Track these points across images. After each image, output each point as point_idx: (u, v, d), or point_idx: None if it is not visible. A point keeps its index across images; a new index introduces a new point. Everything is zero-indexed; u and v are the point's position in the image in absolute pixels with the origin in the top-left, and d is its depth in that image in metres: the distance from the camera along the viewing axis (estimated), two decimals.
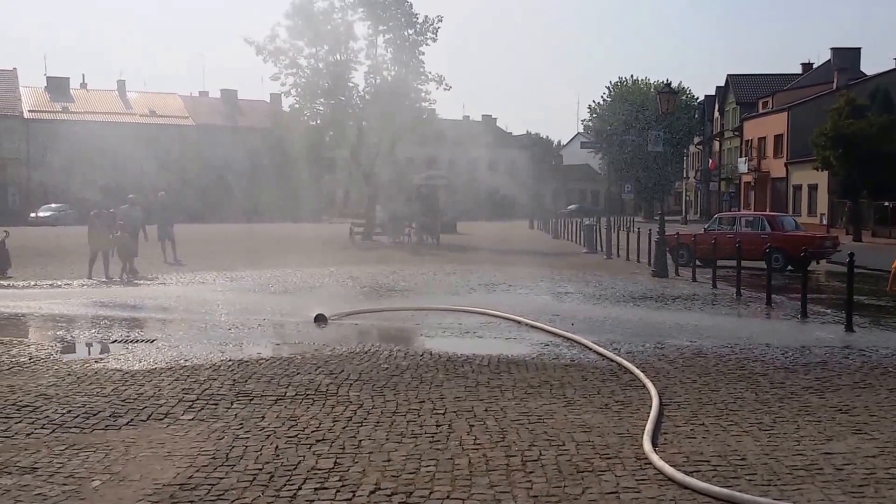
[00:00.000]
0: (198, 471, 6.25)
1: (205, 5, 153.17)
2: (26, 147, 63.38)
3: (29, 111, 66.07)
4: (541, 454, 6.63)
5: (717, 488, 5.82)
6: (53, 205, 56.31)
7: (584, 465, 6.37)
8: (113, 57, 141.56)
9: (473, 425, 7.46)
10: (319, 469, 6.28)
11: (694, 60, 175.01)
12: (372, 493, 5.80)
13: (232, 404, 8.21)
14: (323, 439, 7.03)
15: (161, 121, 67.93)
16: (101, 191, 32.81)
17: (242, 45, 41.90)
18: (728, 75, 72.16)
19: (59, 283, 19.73)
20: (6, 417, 7.69)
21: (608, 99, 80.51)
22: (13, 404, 8.13)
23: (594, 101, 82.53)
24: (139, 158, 44.29)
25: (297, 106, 41.28)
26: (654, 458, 6.43)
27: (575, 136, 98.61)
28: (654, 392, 8.50)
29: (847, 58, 60.50)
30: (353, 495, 5.76)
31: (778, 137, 59.36)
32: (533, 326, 13.21)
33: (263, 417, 7.74)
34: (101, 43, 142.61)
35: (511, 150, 66.75)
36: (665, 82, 26.99)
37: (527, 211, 55.47)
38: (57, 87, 69.36)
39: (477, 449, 6.77)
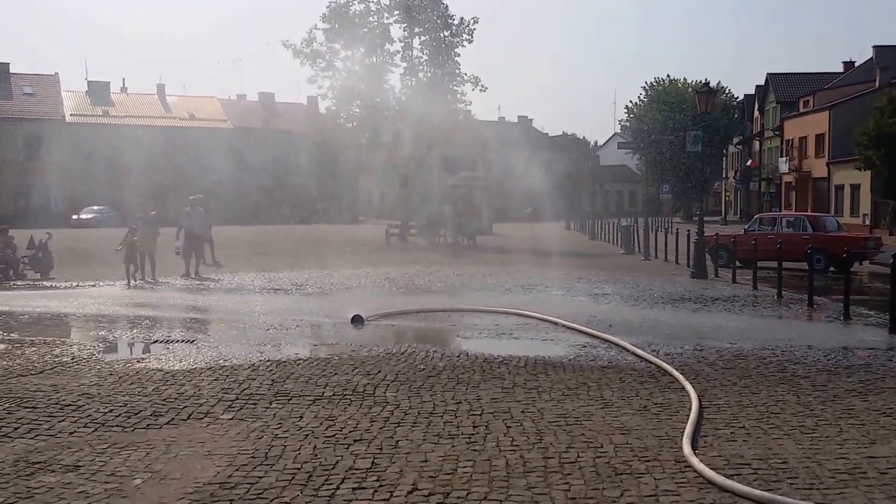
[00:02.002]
0: (237, 469, 6.30)
1: (243, 10, 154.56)
2: (68, 150, 64.39)
3: (71, 115, 67.15)
4: (578, 456, 6.59)
5: (758, 491, 5.75)
6: (95, 207, 57.09)
7: (623, 468, 6.32)
8: (153, 61, 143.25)
9: (510, 426, 7.44)
10: (357, 469, 6.30)
11: (733, 59, 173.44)
12: (409, 493, 5.81)
13: (271, 404, 8.27)
14: (360, 439, 7.05)
15: (200, 124, 68.63)
16: (142, 194, 33.20)
17: (280, 49, 42.29)
18: (768, 74, 71.30)
19: (100, 284, 20.01)
20: (50, 416, 7.81)
21: (644, 99, 79.91)
22: (56, 403, 8.26)
23: (631, 102, 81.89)
24: (178, 161, 44.83)
25: (333, 108, 41.53)
26: (694, 460, 6.36)
27: (612, 137, 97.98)
28: (693, 394, 8.41)
29: (890, 56, 59.40)
30: (391, 495, 5.77)
31: (819, 137, 58.57)
32: (570, 328, 13.14)
33: (301, 417, 7.78)
34: (141, 47, 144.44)
35: (547, 150, 66.57)
36: (703, 81, 26.73)
37: (563, 212, 55.22)
38: (98, 91, 70.41)
39: (514, 450, 6.75)
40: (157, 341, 12.16)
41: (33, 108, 66.21)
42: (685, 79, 79.55)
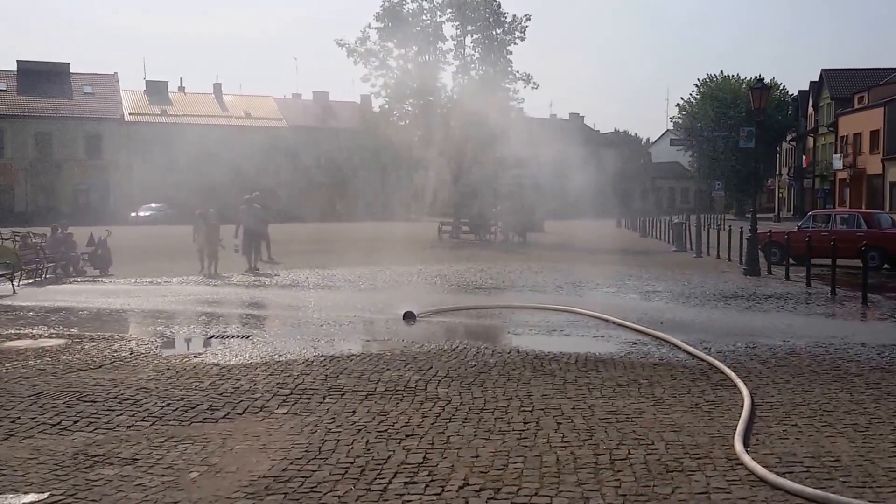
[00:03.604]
0: (291, 463, 6.42)
1: (298, 11, 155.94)
2: (127, 149, 65.64)
3: (129, 114, 68.42)
4: (629, 453, 6.61)
5: (810, 489, 5.71)
6: (153, 205, 58.09)
7: (674, 465, 6.32)
8: (210, 61, 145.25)
9: (561, 423, 7.47)
10: (409, 464, 6.39)
11: (787, 55, 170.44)
12: (461, 488, 5.87)
13: (324, 399, 8.39)
14: (412, 434, 7.14)
15: (256, 123, 69.45)
16: (201, 191, 33.82)
17: (334, 48, 42.64)
18: (822, 70, 70.08)
19: (158, 280, 20.40)
20: (108, 410, 8.01)
21: (697, 96, 78.97)
22: (115, 397, 8.47)
23: (683, 99, 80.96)
24: (235, 160, 45.39)
25: (386, 106, 41.75)
26: (746, 458, 6.34)
27: (664, 134, 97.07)
28: (745, 392, 8.36)
29: None
30: (442, 490, 5.84)
31: (874, 133, 57.42)
32: (620, 325, 13.10)
33: (354, 412, 7.88)
34: (199, 48, 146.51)
35: (599, 148, 66.05)
36: (757, 78, 26.37)
37: (614, 210, 54.82)
38: (156, 90, 71.63)
39: (565, 447, 6.78)
40: (213, 336, 12.40)
41: (93, 107, 67.65)
42: (738, 75, 78.51)
